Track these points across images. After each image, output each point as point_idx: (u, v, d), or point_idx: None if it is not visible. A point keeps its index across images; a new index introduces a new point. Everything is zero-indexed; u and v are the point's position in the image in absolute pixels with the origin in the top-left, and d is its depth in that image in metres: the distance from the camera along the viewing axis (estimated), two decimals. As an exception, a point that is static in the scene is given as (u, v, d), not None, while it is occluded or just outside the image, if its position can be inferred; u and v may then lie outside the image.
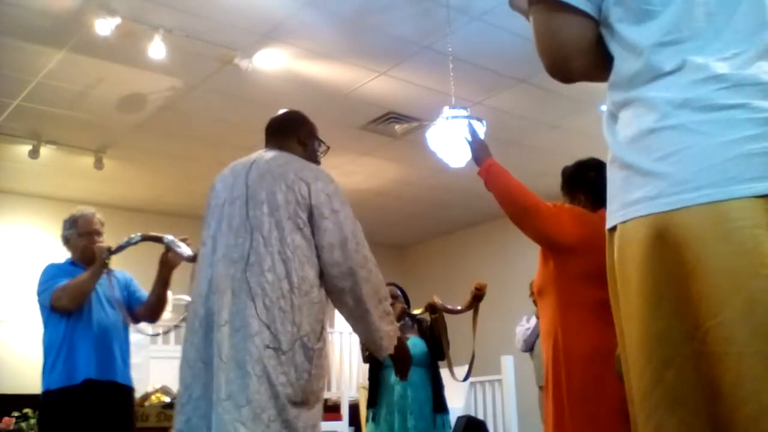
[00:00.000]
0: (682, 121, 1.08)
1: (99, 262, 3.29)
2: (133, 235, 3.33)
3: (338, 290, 2.32)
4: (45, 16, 4.50)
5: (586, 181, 2.74)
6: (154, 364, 5.87)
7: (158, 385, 4.76)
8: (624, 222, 1.13)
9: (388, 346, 2.39)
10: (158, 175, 7.36)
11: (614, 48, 1.21)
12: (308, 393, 2.21)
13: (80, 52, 4.92)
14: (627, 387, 1.18)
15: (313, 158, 2.62)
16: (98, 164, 6.70)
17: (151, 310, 3.50)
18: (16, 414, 5.57)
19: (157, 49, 4.71)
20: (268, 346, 2.15)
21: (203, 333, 2.26)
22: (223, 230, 2.37)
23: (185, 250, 3.27)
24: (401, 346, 2.49)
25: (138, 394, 4.69)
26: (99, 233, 3.48)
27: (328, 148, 2.74)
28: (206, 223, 2.48)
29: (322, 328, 2.30)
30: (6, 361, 6.90)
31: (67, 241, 3.51)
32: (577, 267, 2.52)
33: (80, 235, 3.45)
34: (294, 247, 2.26)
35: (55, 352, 3.25)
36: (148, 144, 6.55)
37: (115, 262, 3.44)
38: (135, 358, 5.24)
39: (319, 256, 2.30)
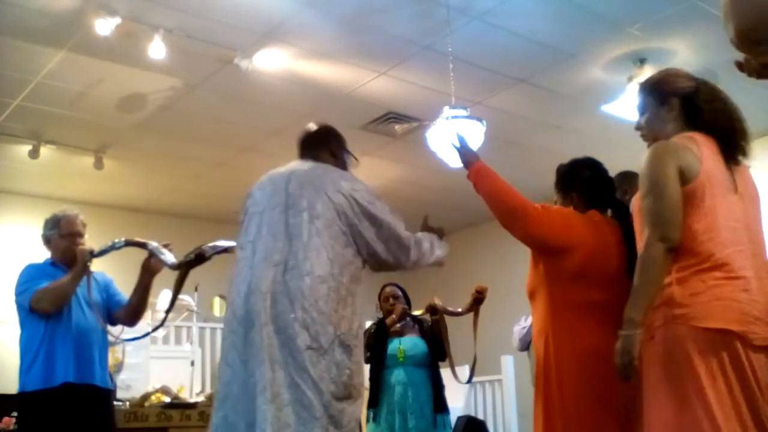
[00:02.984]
0: None
1: (80, 265, 3.24)
2: (116, 240, 3.30)
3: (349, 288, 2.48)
4: (45, 16, 4.50)
5: (581, 180, 2.74)
6: (154, 364, 5.86)
7: (158, 385, 4.75)
8: None
9: (439, 255, 2.76)
10: (158, 175, 7.36)
11: None
12: (350, 387, 2.32)
13: (80, 52, 4.92)
14: None
15: (344, 169, 2.75)
16: (98, 164, 6.70)
17: (130, 313, 3.47)
18: (16, 414, 5.57)
19: (157, 49, 4.71)
20: (309, 347, 2.26)
21: (243, 333, 2.34)
22: (263, 236, 2.46)
23: (168, 257, 3.25)
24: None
25: (138, 394, 4.69)
26: (81, 235, 3.42)
27: (357, 160, 2.89)
28: (244, 228, 2.58)
29: (359, 327, 2.44)
30: (6, 361, 6.87)
31: (48, 241, 3.45)
32: (566, 268, 2.52)
33: (62, 236, 3.39)
34: (332, 254, 2.39)
35: (32, 353, 3.21)
36: (148, 144, 6.55)
37: (97, 265, 3.39)
38: (135, 358, 5.27)
39: (366, 259, 2.52)
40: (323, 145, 2.75)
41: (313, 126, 2.83)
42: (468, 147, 2.74)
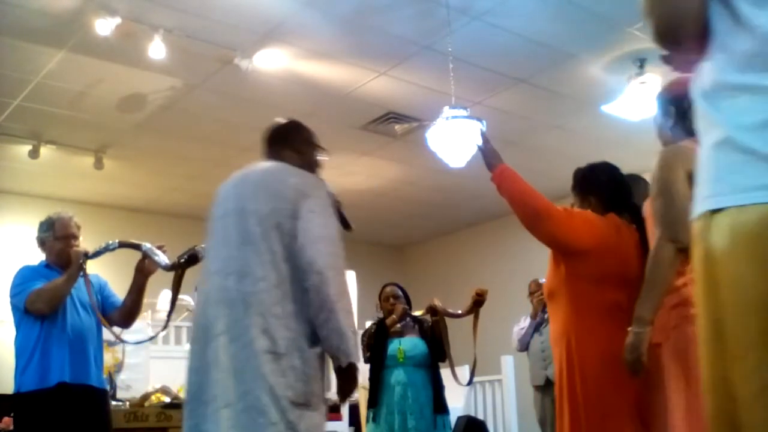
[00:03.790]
0: None
1: (75, 266, 3.26)
2: (110, 242, 3.32)
3: (305, 289, 2.30)
4: (45, 16, 4.50)
5: (599, 184, 2.76)
6: (154, 364, 5.87)
7: (158, 385, 4.75)
8: (741, 206, 1.12)
9: (352, 354, 2.30)
10: (158, 175, 7.36)
11: (725, 24, 1.20)
12: (309, 395, 2.25)
13: (80, 52, 4.92)
14: (714, 363, 1.17)
15: (311, 165, 2.63)
16: (98, 164, 6.70)
17: (124, 315, 3.48)
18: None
19: (157, 49, 4.71)
20: (267, 351, 2.20)
21: (205, 341, 2.31)
22: (219, 243, 2.44)
23: (162, 258, 3.27)
24: (352, 371, 2.37)
25: (138, 394, 4.69)
26: (75, 237, 3.43)
27: (326, 151, 2.74)
28: (208, 235, 2.55)
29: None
30: (6, 361, 6.88)
31: (42, 243, 3.46)
32: (588, 270, 2.54)
33: (57, 238, 3.41)
34: (283, 256, 2.30)
35: (28, 354, 3.22)
36: (148, 144, 6.55)
37: (92, 267, 3.40)
38: (135, 358, 5.27)
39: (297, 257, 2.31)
40: (285, 143, 2.64)
41: (277, 122, 2.73)
42: (492, 149, 2.75)
